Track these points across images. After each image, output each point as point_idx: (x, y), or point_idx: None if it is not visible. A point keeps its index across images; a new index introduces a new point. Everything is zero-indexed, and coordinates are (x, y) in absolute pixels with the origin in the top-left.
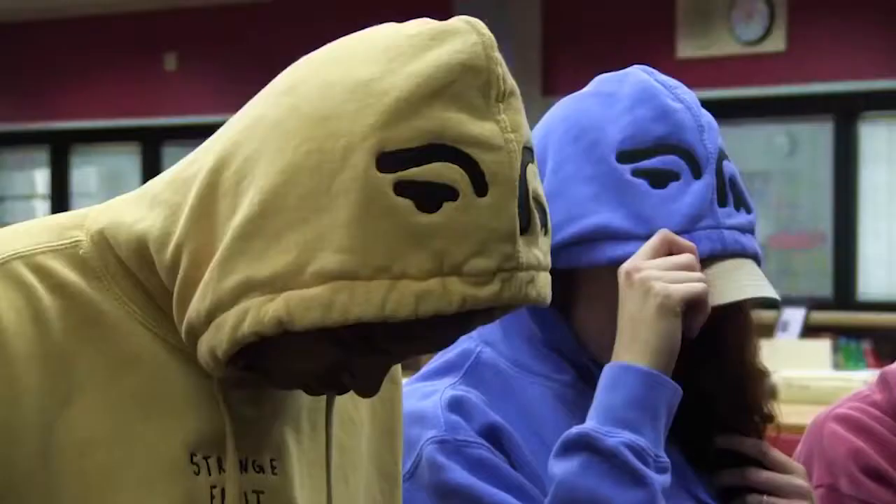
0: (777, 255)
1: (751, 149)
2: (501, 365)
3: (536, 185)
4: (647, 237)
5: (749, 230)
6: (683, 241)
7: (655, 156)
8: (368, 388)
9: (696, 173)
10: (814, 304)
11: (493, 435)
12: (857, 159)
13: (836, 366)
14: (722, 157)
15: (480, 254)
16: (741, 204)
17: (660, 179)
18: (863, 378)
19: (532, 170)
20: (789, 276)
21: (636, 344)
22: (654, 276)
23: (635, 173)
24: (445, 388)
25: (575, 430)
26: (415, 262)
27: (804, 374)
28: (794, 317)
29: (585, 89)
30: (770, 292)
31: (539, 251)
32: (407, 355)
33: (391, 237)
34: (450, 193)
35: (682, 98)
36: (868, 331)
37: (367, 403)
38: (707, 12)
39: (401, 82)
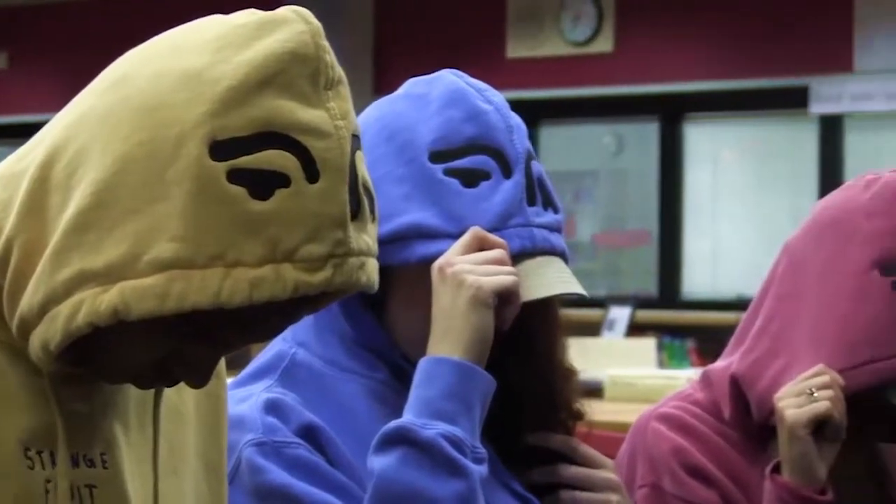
0: (604, 254)
1: (579, 148)
2: (316, 365)
3: (364, 171)
4: (458, 235)
5: (557, 229)
6: (494, 237)
7: (466, 156)
8: (200, 379)
9: (506, 173)
10: (639, 302)
11: (310, 435)
12: (682, 159)
13: (661, 364)
14: (530, 157)
15: (312, 240)
16: (549, 203)
17: (471, 179)
18: (687, 376)
19: (360, 156)
20: (616, 274)
21: (450, 336)
22: (467, 269)
23: (447, 173)
24: (261, 392)
25: (392, 424)
26: (248, 249)
27: (630, 372)
28: (620, 315)
29: (398, 91)
30: (578, 289)
31: (368, 237)
32: (240, 344)
33: (225, 225)
34: (282, 180)
35: (492, 100)
36: (692, 329)
37: (193, 397)
38: (537, 13)
39: (231, 71)
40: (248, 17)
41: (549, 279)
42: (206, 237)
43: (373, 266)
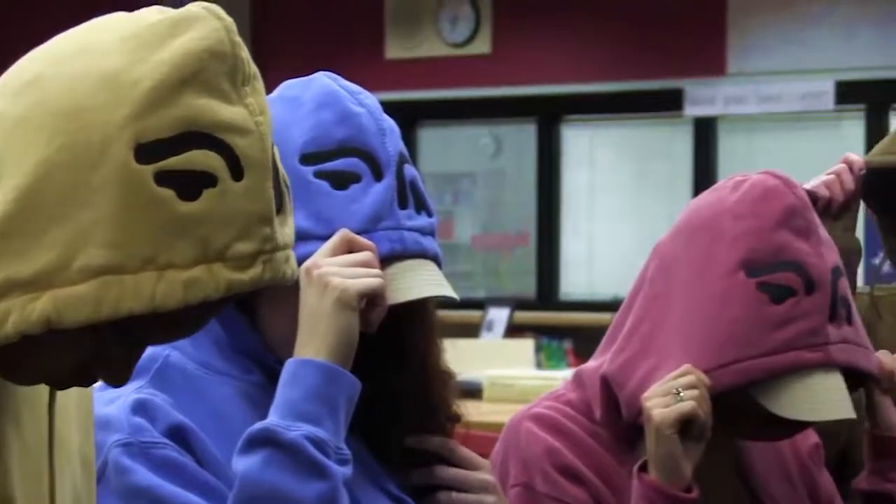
0: (482, 255)
1: (457, 150)
2: (189, 367)
3: (280, 164)
4: (328, 237)
5: (430, 232)
6: (363, 240)
7: (337, 158)
8: (121, 378)
9: (377, 176)
10: (518, 303)
11: (178, 435)
12: (560, 161)
13: (539, 365)
14: (403, 160)
15: (242, 238)
16: (422, 207)
17: (341, 181)
18: (564, 376)
19: (276, 150)
20: (494, 276)
21: (314, 338)
22: (333, 271)
23: (318, 175)
24: (130, 393)
25: (257, 425)
26: (180, 251)
27: (508, 373)
28: (499, 316)
29: (272, 94)
30: (448, 292)
31: (289, 228)
32: (166, 342)
33: (155, 228)
34: (209, 180)
35: (365, 103)
36: (569, 330)
37: (74, 394)
38: (415, 14)
39: (149, 71)
40: (158, 14)
41: (419, 282)
42: (136, 241)
43: (294, 257)
